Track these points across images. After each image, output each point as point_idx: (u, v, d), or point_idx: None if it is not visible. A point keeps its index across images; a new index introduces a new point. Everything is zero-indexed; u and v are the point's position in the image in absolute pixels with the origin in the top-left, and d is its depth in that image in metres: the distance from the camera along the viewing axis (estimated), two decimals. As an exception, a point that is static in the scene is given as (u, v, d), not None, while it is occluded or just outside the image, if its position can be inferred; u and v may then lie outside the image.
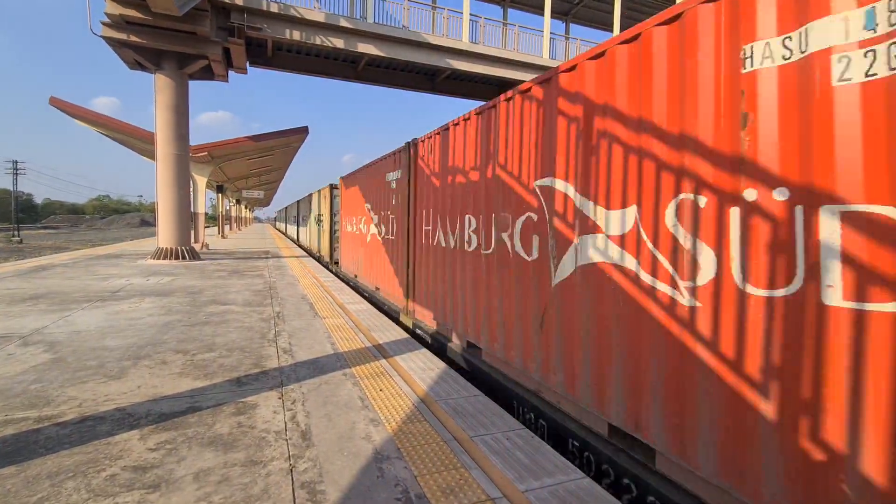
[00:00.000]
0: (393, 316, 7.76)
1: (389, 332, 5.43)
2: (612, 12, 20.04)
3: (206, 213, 21.30)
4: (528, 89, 3.90)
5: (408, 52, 15.96)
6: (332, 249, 15.02)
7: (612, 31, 20.79)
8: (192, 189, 16.73)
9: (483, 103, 4.87)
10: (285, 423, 2.92)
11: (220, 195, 31.24)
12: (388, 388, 3.60)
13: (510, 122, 4.20)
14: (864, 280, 1.76)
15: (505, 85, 18.32)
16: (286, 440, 2.68)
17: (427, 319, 6.24)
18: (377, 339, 5.07)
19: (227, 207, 42.04)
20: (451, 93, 19.64)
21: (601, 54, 3.11)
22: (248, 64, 15.46)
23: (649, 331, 2.65)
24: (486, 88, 19.41)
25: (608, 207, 3.00)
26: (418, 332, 6.55)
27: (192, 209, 15.92)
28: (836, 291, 1.83)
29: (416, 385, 3.68)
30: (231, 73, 15.27)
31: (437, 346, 5.76)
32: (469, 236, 4.98)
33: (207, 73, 14.29)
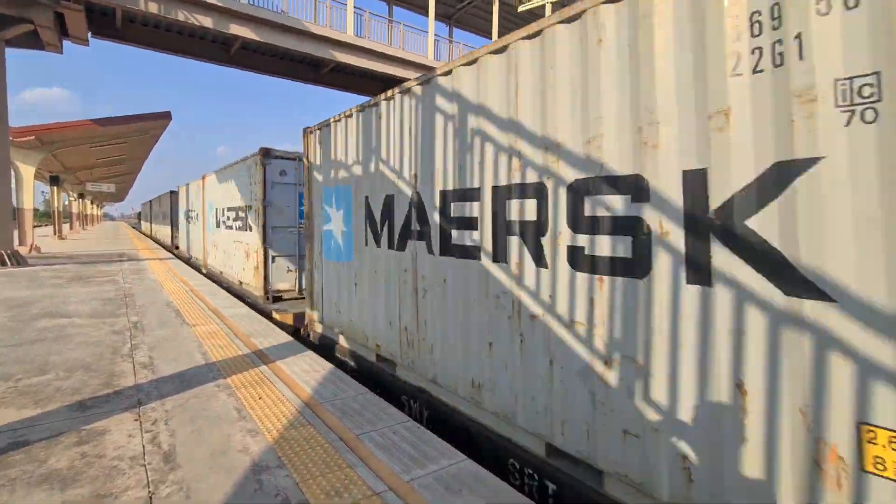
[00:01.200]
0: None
1: (272, 337, 5.10)
2: (490, 21, 21.21)
3: (35, 210, 17.72)
4: None
5: (288, 40, 15.07)
6: None
7: (490, 38, 22.00)
8: (13, 180, 13.80)
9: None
10: (143, 446, 2.59)
11: (55, 188, 26.17)
12: (269, 395, 3.40)
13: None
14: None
15: (390, 82, 18.30)
16: (144, 465, 2.38)
17: None
18: (258, 345, 4.74)
19: (66, 203, 35.60)
20: (335, 85, 19.04)
21: None
22: (90, 35, 13.19)
23: None
24: (372, 84, 19.18)
25: None
26: None
27: (14, 205, 13.13)
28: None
29: (300, 389, 3.52)
30: (70, 43, 12.89)
31: None
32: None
33: (33, 41, 11.85)
